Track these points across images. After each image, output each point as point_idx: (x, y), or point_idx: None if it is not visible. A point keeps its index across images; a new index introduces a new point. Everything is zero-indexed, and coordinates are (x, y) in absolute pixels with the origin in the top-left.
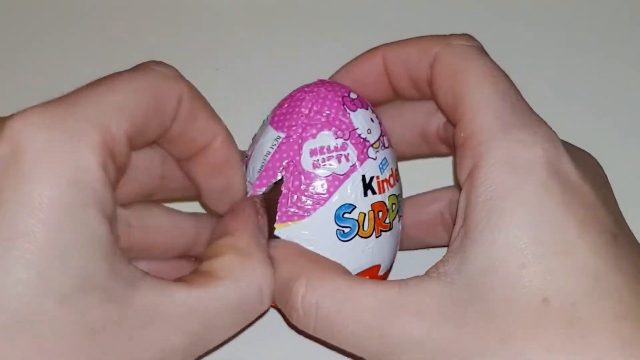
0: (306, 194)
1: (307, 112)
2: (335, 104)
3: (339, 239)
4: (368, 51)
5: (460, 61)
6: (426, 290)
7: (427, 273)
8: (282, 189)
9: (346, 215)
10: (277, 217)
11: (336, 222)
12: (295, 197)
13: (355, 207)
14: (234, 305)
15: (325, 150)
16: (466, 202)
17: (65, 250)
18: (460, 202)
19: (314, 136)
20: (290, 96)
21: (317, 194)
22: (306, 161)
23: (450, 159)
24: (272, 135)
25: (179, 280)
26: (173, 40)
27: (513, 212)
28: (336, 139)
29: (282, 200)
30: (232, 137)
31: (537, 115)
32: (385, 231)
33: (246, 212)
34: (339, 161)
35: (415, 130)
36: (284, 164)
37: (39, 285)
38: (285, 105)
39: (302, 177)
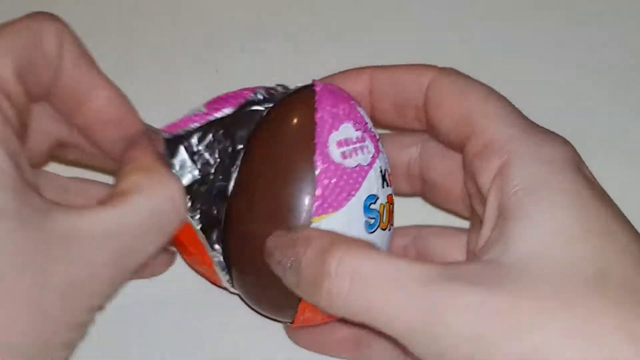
0: (340, 184)
1: (325, 106)
2: (345, 99)
3: (367, 231)
4: (355, 69)
5: (461, 83)
6: (474, 268)
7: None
8: (317, 183)
9: (372, 206)
10: (313, 211)
11: (365, 213)
12: (329, 189)
13: (378, 198)
14: (150, 217)
15: (349, 142)
16: (500, 196)
17: None
18: (490, 202)
19: (337, 128)
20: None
21: (349, 185)
22: (335, 153)
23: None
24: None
25: (91, 205)
26: (172, 42)
27: (554, 197)
28: (356, 131)
29: (318, 192)
30: (120, 91)
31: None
32: (392, 225)
33: (142, 141)
34: (363, 152)
35: None
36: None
37: None
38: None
39: (333, 168)
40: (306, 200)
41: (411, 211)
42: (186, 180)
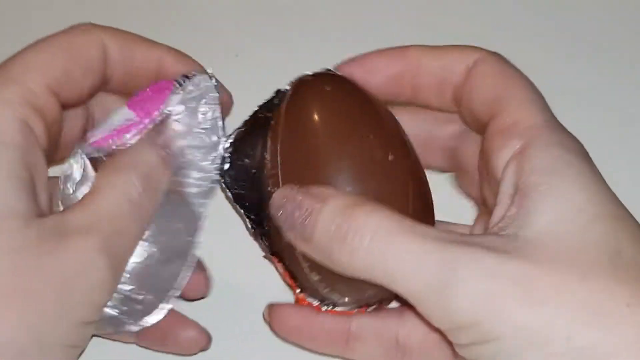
0: None
1: None
2: None
3: None
4: (396, 49)
5: (505, 66)
6: (491, 238)
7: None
8: None
9: None
10: None
11: None
12: None
13: None
14: (125, 201)
15: None
16: (518, 175)
17: None
18: (507, 180)
19: None
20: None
21: None
22: None
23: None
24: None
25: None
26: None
27: (574, 179)
28: None
29: None
30: (182, 53)
31: None
32: None
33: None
34: None
35: None
36: None
37: None
38: None
39: None
40: None
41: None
42: None
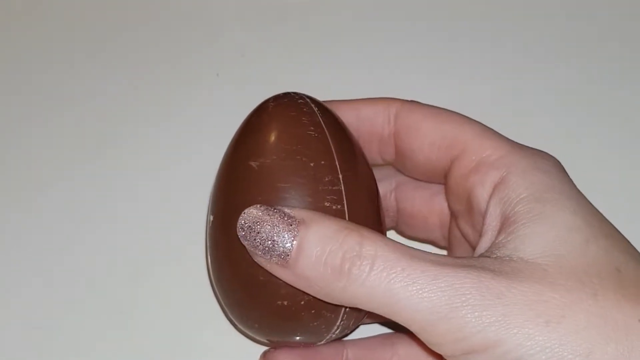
0: None
1: None
2: None
3: None
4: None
5: (433, 110)
6: (490, 260)
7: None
8: None
9: None
10: None
11: None
12: None
13: None
14: None
15: None
16: (503, 205)
17: None
18: (491, 212)
19: None
20: None
21: None
22: None
23: None
24: None
25: None
26: (173, 45)
27: (562, 202)
28: None
29: None
30: None
31: None
32: None
33: None
34: None
35: None
36: None
37: None
38: None
39: None
40: None
41: None
42: None
